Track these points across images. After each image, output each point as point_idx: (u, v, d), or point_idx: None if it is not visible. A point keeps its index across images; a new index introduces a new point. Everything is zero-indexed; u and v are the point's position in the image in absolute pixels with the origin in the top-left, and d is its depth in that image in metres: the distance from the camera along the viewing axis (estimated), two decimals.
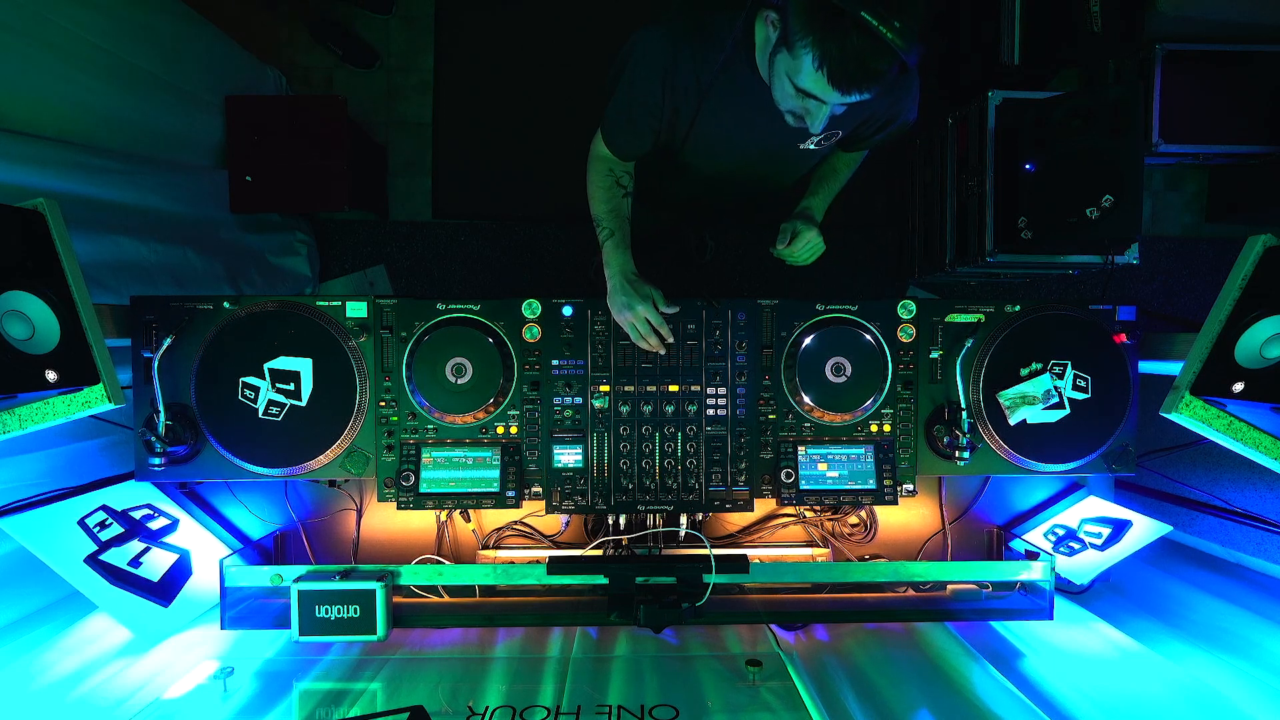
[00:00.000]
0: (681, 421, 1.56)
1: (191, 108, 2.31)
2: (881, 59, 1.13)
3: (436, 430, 1.54)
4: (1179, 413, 1.32)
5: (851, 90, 1.18)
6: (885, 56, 1.12)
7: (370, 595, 1.42)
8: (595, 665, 1.43)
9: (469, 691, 1.32)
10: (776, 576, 1.61)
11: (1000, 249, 2.45)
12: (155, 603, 1.45)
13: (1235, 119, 2.73)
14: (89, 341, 1.24)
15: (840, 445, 1.57)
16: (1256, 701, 1.30)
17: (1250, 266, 1.27)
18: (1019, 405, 1.56)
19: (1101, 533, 1.66)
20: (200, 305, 1.49)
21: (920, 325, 1.58)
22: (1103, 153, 2.19)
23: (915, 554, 1.75)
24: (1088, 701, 1.32)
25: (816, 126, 1.30)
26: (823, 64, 1.15)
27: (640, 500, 1.56)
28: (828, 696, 1.31)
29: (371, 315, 1.53)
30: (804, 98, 1.25)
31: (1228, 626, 1.53)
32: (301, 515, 1.71)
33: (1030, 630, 1.60)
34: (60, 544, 1.37)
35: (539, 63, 2.98)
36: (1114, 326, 1.59)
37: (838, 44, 1.13)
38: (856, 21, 1.09)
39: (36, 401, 1.22)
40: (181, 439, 1.46)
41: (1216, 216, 3.13)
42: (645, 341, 1.49)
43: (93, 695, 1.28)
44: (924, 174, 2.87)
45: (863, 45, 1.12)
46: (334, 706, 1.30)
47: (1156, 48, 2.64)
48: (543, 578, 1.51)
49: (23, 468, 1.46)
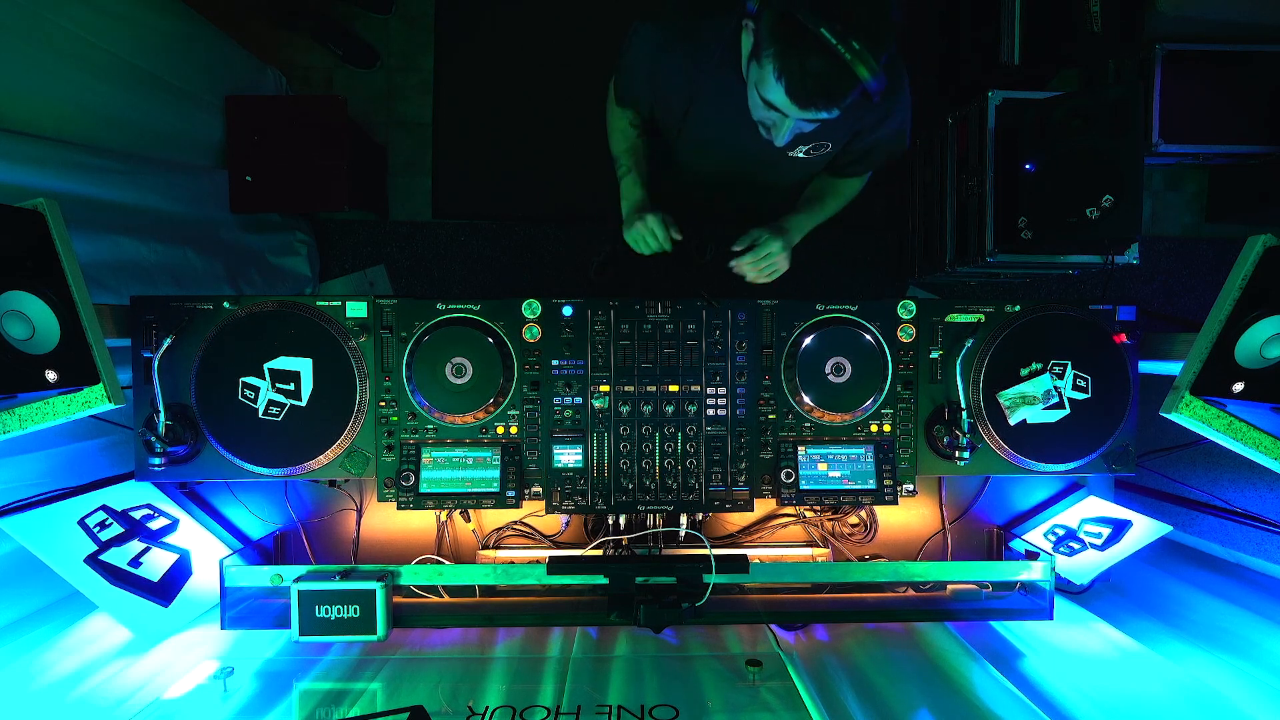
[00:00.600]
0: (681, 421, 1.56)
1: (191, 108, 2.31)
2: (839, 79, 1.13)
3: (436, 430, 1.54)
4: (1179, 413, 1.32)
5: (809, 106, 1.19)
6: (843, 77, 1.13)
7: (370, 595, 1.42)
8: (595, 665, 1.43)
9: (469, 691, 1.32)
10: (776, 576, 1.61)
11: (1000, 249, 2.45)
12: (155, 603, 1.45)
13: (1235, 119, 2.73)
14: (89, 341, 1.24)
15: (840, 445, 1.57)
16: (1256, 701, 1.30)
17: (1250, 266, 1.27)
18: (1019, 405, 1.56)
19: (1101, 533, 1.66)
20: (200, 305, 1.49)
21: (920, 325, 1.58)
22: (1103, 153, 2.19)
23: (915, 554, 1.75)
24: (1088, 701, 1.32)
25: (780, 139, 1.31)
26: (781, 77, 1.16)
27: (640, 500, 1.56)
28: (828, 696, 1.31)
29: (371, 315, 1.53)
30: (769, 109, 1.26)
31: (1228, 626, 1.53)
32: (301, 515, 1.71)
33: (1030, 630, 1.60)
34: (60, 544, 1.37)
35: (539, 63, 2.98)
36: (1114, 326, 1.59)
37: (797, 59, 1.14)
38: (816, 38, 1.10)
39: (36, 401, 1.22)
40: (181, 439, 1.46)
41: (1216, 216, 3.13)
42: (654, 238, 1.51)
43: (93, 695, 1.28)
44: (924, 174, 2.87)
45: (821, 64, 1.12)
46: (334, 706, 1.30)
47: (1156, 48, 2.64)
48: (543, 578, 1.51)
49: (23, 468, 1.46)
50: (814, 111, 1.20)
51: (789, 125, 1.27)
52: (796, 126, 1.28)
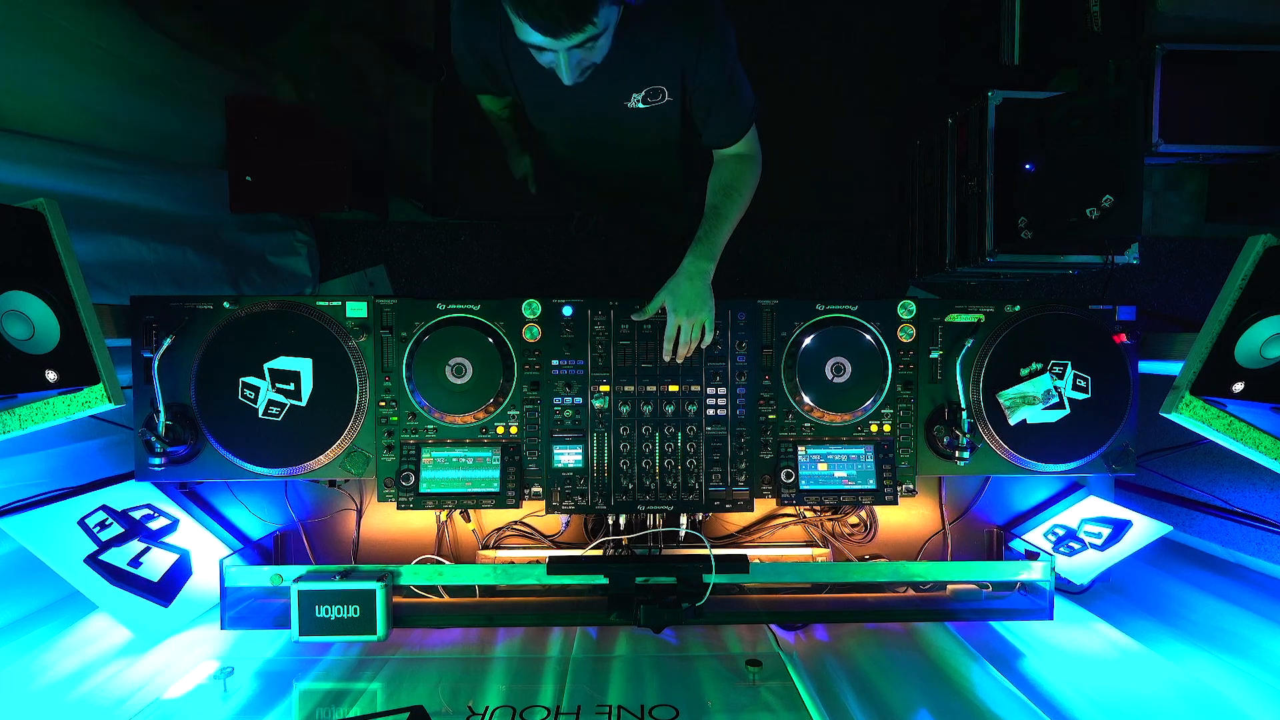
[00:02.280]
0: (681, 421, 1.56)
1: (191, 108, 2.31)
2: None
3: (436, 430, 1.54)
4: (1179, 413, 1.32)
5: (559, 33, 1.17)
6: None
7: (370, 595, 1.42)
8: (595, 665, 1.43)
9: (469, 691, 1.32)
10: (776, 576, 1.61)
11: (1000, 249, 2.45)
12: (155, 603, 1.45)
13: (1235, 119, 2.73)
14: (89, 341, 1.24)
15: (840, 445, 1.57)
16: (1256, 701, 1.30)
17: (1250, 266, 1.27)
18: (1019, 405, 1.56)
19: (1101, 533, 1.66)
20: (200, 305, 1.49)
21: (920, 325, 1.58)
22: (1103, 153, 2.19)
23: (915, 554, 1.75)
24: (1088, 701, 1.32)
25: (567, 77, 1.28)
26: (519, 14, 1.15)
27: (640, 500, 1.56)
28: (828, 696, 1.31)
29: (371, 315, 1.53)
30: (540, 51, 1.24)
31: (1228, 626, 1.53)
32: (301, 515, 1.71)
33: (1030, 630, 1.60)
34: (60, 544, 1.37)
35: None
36: (1114, 326, 1.59)
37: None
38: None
39: (36, 401, 1.22)
40: (181, 439, 1.46)
41: (1216, 216, 3.13)
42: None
43: (93, 695, 1.28)
44: (924, 174, 2.87)
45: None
46: (334, 706, 1.30)
47: (1156, 48, 2.64)
48: (543, 578, 1.51)
49: (23, 468, 1.46)
50: (569, 36, 1.18)
51: (564, 59, 1.24)
52: (574, 58, 1.25)
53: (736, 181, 1.52)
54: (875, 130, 3.09)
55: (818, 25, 3.07)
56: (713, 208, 1.51)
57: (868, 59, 3.09)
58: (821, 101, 3.08)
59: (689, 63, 1.40)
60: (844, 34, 3.08)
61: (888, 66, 3.09)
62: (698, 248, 1.47)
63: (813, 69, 3.07)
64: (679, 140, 1.61)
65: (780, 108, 2.74)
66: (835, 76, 3.08)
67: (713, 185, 1.54)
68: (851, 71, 3.08)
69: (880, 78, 3.09)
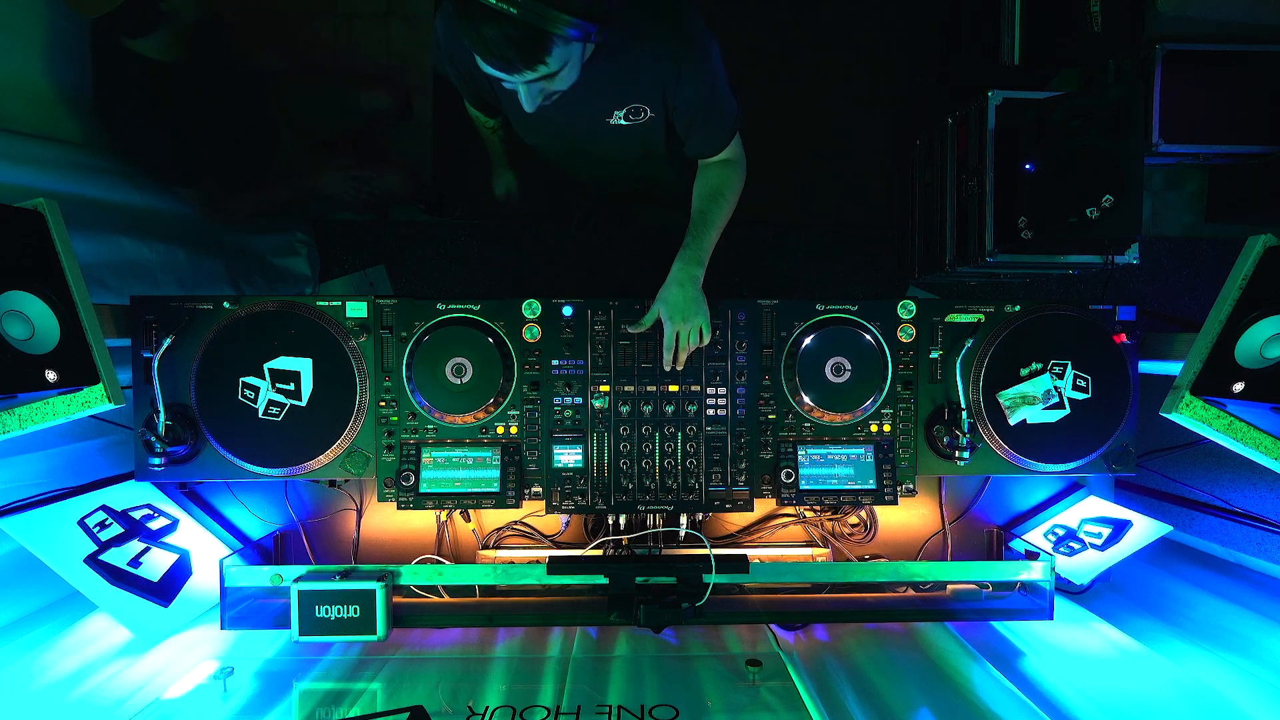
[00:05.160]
0: (681, 421, 1.56)
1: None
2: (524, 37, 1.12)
3: (436, 430, 1.54)
4: (1179, 413, 1.32)
5: (514, 70, 1.17)
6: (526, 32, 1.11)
7: (370, 595, 1.42)
8: (595, 665, 1.43)
9: (469, 691, 1.32)
10: (776, 576, 1.61)
11: (1000, 249, 2.44)
12: (155, 603, 1.45)
13: (1235, 119, 2.73)
14: (89, 341, 1.24)
15: (840, 445, 1.57)
16: (1256, 701, 1.30)
17: (1250, 266, 1.27)
18: (1019, 405, 1.56)
19: (1101, 533, 1.66)
20: (200, 305, 1.49)
21: (920, 325, 1.58)
22: (1103, 153, 2.18)
23: (915, 554, 1.75)
24: (1088, 701, 1.32)
25: (528, 105, 1.28)
26: (475, 52, 1.16)
27: (640, 500, 1.56)
28: (828, 696, 1.31)
29: (371, 315, 1.53)
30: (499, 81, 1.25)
31: (1228, 626, 1.53)
32: (301, 515, 1.71)
33: (1030, 630, 1.60)
34: (60, 544, 1.37)
35: None
36: (1114, 326, 1.59)
37: (475, 33, 1.13)
38: (479, 7, 1.09)
39: (36, 401, 1.22)
40: (181, 439, 1.46)
41: (1216, 216, 3.13)
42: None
43: (93, 695, 1.28)
44: (924, 174, 2.87)
45: (495, 30, 1.11)
46: (334, 706, 1.30)
47: (1156, 48, 2.64)
48: (543, 578, 1.51)
49: (23, 468, 1.45)
50: (523, 73, 1.18)
51: (523, 90, 1.25)
52: (535, 89, 1.25)
53: (722, 187, 1.54)
54: (875, 130, 3.09)
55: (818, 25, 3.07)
56: (699, 213, 1.52)
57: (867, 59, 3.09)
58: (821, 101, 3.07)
59: (670, 82, 1.42)
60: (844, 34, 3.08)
61: (888, 66, 3.09)
62: (685, 254, 1.48)
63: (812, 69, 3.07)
64: (666, 150, 1.63)
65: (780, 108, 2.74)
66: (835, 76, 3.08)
67: (698, 191, 1.55)
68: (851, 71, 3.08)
69: (880, 78, 3.09)
